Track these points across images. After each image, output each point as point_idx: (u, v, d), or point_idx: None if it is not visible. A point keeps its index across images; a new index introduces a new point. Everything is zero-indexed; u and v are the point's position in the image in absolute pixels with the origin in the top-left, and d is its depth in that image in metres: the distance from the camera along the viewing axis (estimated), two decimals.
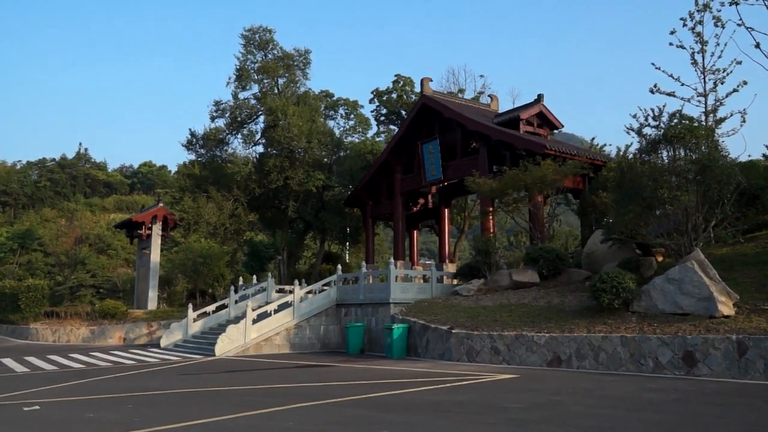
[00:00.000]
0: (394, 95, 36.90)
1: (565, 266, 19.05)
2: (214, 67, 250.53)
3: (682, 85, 20.69)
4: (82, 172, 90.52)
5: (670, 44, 20.54)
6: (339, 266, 23.58)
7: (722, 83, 20.05)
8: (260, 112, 34.21)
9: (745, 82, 19.69)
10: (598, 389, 9.88)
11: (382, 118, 38.02)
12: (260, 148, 35.43)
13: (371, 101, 37.83)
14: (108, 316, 27.68)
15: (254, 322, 20.03)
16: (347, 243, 38.04)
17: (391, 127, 37.93)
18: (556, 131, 27.29)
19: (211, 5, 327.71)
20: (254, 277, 28.63)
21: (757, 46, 17.03)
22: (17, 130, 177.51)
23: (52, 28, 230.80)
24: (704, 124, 17.94)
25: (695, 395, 9.03)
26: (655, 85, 20.13)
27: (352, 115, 37.57)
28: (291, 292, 22.23)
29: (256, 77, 34.01)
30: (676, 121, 15.45)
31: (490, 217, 23.40)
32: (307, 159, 32.34)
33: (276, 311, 20.91)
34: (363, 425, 7.25)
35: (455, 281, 22.44)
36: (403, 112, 36.03)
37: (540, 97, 24.82)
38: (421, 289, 20.41)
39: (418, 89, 32.91)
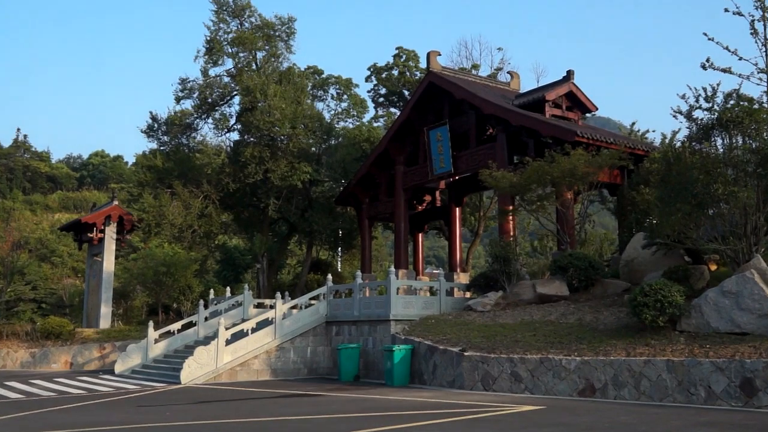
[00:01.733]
0: (395, 72, 36.89)
1: (600, 276, 19.07)
2: (180, 38, 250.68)
3: (740, 59, 20.57)
4: (21, 163, 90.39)
5: (726, 10, 20.52)
6: (329, 276, 23.60)
7: None
8: (235, 92, 34.19)
9: None
10: (639, 424, 9.88)
11: (381, 99, 38.02)
12: (235, 135, 35.51)
13: (368, 79, 37.84)
14: (52, 336, 27.64)
15: (228, 343, 20.03)
16: (339, 248, 38.01)
17: (392, 110, 37.93)
18: (588, 115, 27.28)
19: None
20: (228, 289, 28.63)
21: None
22: None
23: None
24: (766, 106, 17.95)
25: (756, 431, 9.02)
26: (707, 60, 20.04)
27: (345, 96, 37.58)
28: (272, 307, 22.23)
29: (230, 50, 33.98)
30: (732, 102, 15.45)
31: (510, 218, 23.40)
32: (291, 148, 32.33)
33: (254, 330, 20.91)
34: None
35: (468, 294, 22.46)
36: (406, 93, 36.03)
37: (570, 74, 24.84)
38: (428, 303, 20.42)
39: (423, 65, 32.93)
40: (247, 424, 10.96)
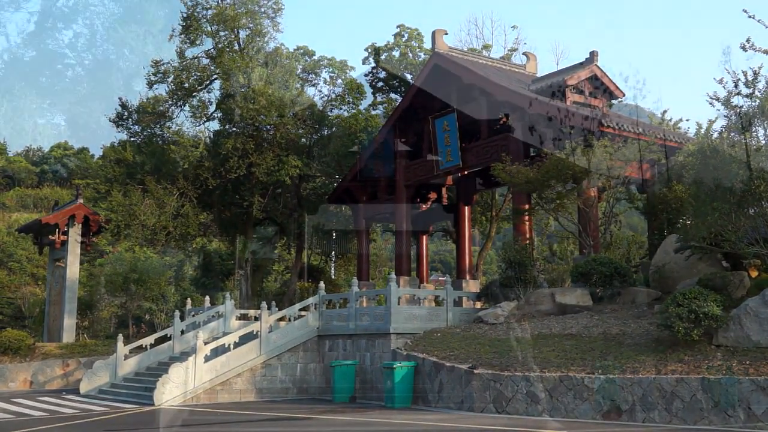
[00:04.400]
0: (396, 53, 36.91)
1: (627, 284, 19.11)
2: (150, 13, 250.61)
3: None
4: None
5: None
6: (321, 284, 23.62)
7: None
8: (215, 76, 34.23)
9: None
10: None
11: (380, 84, 38.02)
12: (215, 125, 35.44)
13: (365, 61, 37.83)
14: (9, 351, 27.68)
15: (207, 359, 20.06)
16: (333, 253, 38.04)
17: (393, 96, 37.93)
18: (615, 102, 27.30)
19: None
20: (207, 298, 28.66)
21: None
22: None
23: None
24: None
25: None
26: (747, 40, 20.13)
27: (339, 80, 37.59)
28: (257, 318, 22.27)
29: (209, 28, 34.02)
30: None
31: (526, 218, 23.45)
32: (278, 139, 32.36)
33: (237, 345, 20.94)
34: None
35: (478, 304, 22.49)
36: (409, 77, 36.04)
37: (593, 56, 24.85)
38: (433, 314, 20.45)
39: (428, 45, 32.93)
40: None
